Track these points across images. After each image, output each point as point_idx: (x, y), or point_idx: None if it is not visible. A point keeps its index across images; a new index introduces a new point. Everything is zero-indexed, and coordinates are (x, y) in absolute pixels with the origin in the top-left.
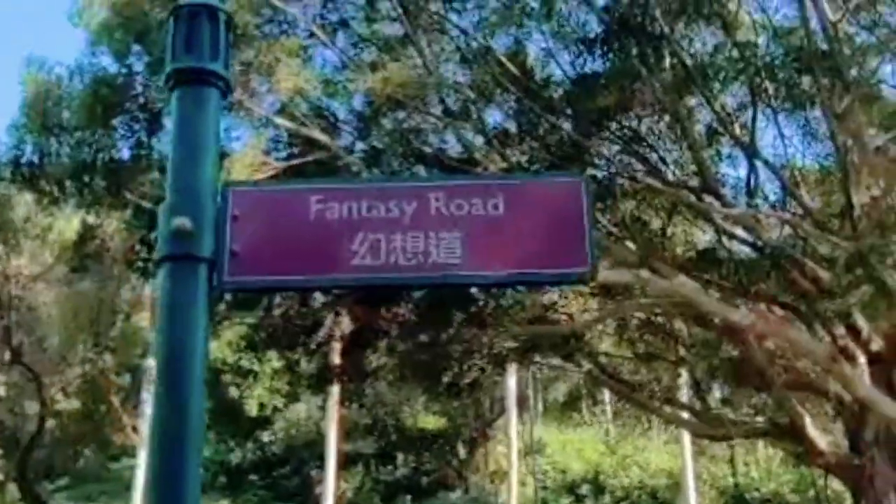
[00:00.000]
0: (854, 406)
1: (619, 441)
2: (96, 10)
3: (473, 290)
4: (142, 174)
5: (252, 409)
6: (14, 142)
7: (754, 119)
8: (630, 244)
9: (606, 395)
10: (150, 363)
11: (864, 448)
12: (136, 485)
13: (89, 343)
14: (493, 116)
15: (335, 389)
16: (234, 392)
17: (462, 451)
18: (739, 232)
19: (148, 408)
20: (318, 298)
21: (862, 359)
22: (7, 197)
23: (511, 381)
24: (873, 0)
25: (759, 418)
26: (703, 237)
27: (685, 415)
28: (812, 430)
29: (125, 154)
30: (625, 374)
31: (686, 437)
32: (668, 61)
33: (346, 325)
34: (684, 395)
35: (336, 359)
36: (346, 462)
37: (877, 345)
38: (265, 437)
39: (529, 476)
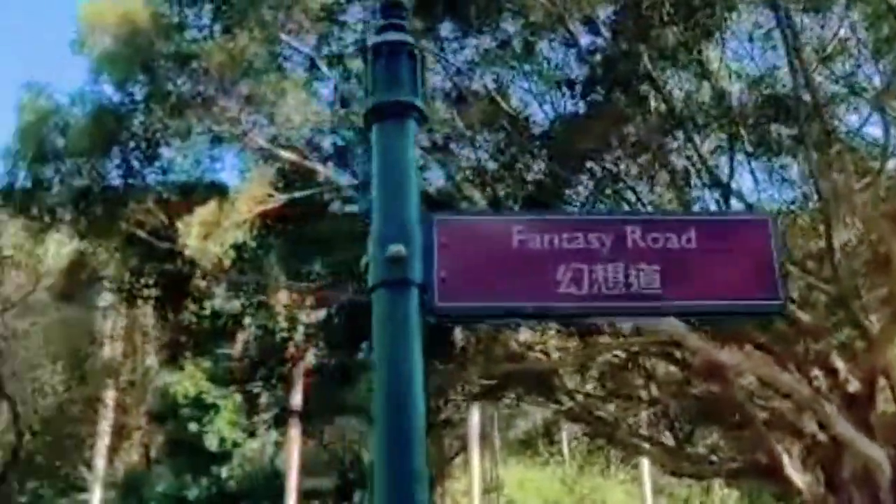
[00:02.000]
0: (831, 445)
1: (577, 480)
2: (98, 39)
3: (485, 326)
4: (136, 203)
5: (212, 443)
6: (7, 168)
7: (732, 161)
8: None
9: (565, 433)
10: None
11: (841, 486)
12: None
13: (65, 373)
14: (475, 153)
15: (294, 425)
16: (192, 426)
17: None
18: None
19: (105, 440)
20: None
21: (837, 400)
22: None
23: (475, 418)
24: (844, 50)
25: (738, 457)
26: None
27: (659, 452)
28: (790, 469)
29: (120, 182)
30: (598, 411)
31: (646, 476)
32: (652, 104)
33: (310, 360)
34: (659, 433)
35: (298, 395)
36: (304, 499)
37: (853, 386)
38: (224, 471)
39: None
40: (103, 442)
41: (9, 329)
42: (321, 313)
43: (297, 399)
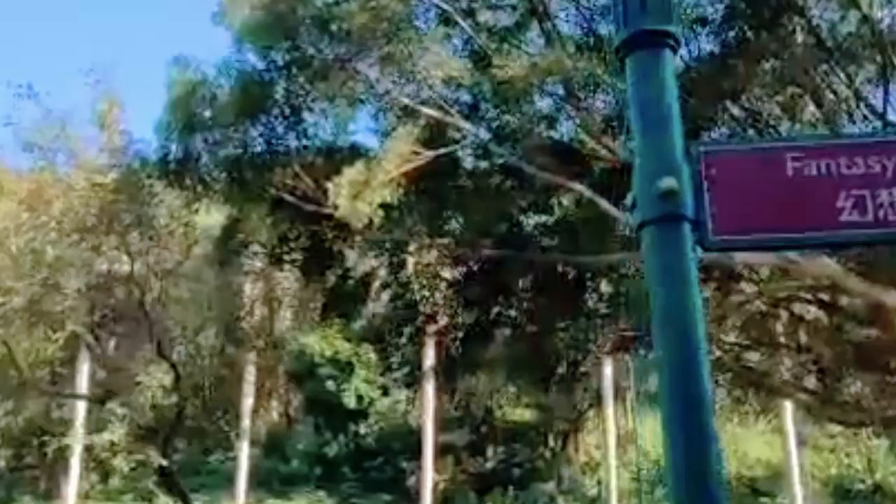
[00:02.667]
0: None
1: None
2: (239, 9)
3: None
4: (282, 168)
5: (350, 401)
6: (161, 140)
7: (886, 91)
8: None
9: None
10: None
11: None
12: (239, 477)
13: (221, 337)
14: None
15: (429, 382)
16: (330, 385)
17: (554, 443)
18: None
19: (249, 401)
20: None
21: None
22: (153, 193)
23: (608, 370)
24: None
25: (893, 404)
26: None
27: (807, 400)
28: None
29: (266, 149)
30: (743, 360)
31: (790, 427)
32: (799, 37)
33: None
34: (807, 381)
35: (431, 352)
36: (437, 454)
37: None
38: (362, 428)
39: (622, 467)
40: (247, 402)
41: (168, 296)
42: (459, 271)
43: (431, 357)
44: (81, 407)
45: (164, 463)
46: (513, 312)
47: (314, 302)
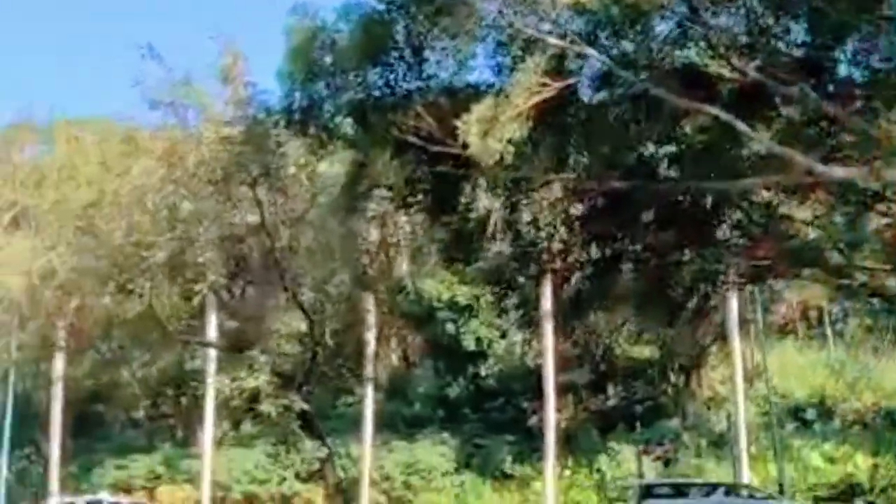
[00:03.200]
0: None
1: (845, 363)
2: None
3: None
4: (405, 110)
5: (470, 343)
6: (285, 90)
7: None
8: None
9: (828, 315)
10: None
11: None
12: (365, 420)
13: (347, 283)
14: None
15: (548, 322)
16: (450, 328)
17: (677, 379)
18: None
19: (371, 346)
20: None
21: None
22: (279, 143)
23: (733, 303)
24: None
25: None
26: None
27: None
28: None
29: (388, 92)
30: (880, 286)
31: None
32: None
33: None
34: None
35: (549, 292)
36: (558, 393)
37: None
38: (482, 370)
39: (750, 402)
40: (370, 347)
41: (297, 245)
42: (584, 206)
43: (549, 297)
44: (213, 357)
45: (306, 407)
46: (637, 247)
47: (434, 246)
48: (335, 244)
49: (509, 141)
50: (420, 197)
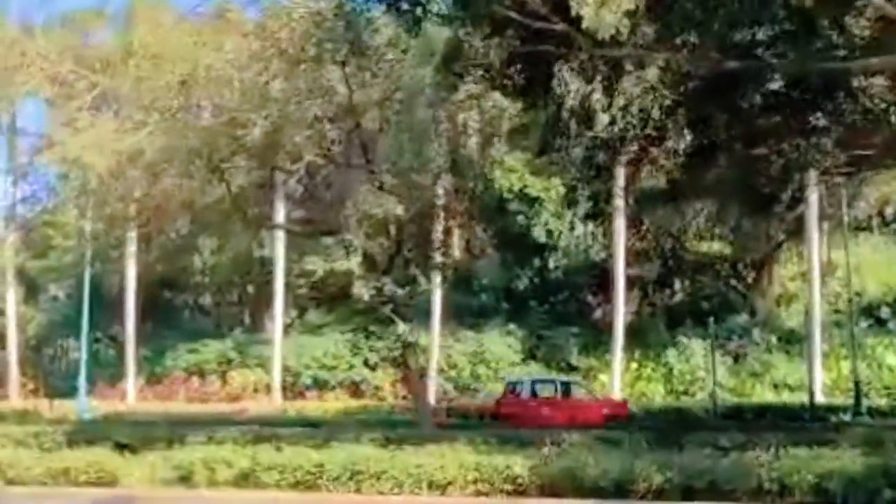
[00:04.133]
0: None
1: None
2: None
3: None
4: None
5: (540, 235)
6: None
7: None
8: None
9: None
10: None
11: None
12: (433, 309)
13: (434, 168)
14: None
15: (618, 214)
16: (520, 220)
17: (746, 275)
18: None
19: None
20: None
21: None
22: (371, 20)
23: (812, 196)
24: None
25: None
26: None
27: None
28: None
29: None
30: None
31: None
32: None
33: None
34: None
35: (621, 182)
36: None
37: None
38: (550, 262)
39: (823, 299)
40: (437, 235)
41: (386, 125)
42: (686, 88)
43: (622, 189)
44: (281, 244)
45: (400, 291)
46: (734, 132)
47: (518, 134)
48: (423, 128)
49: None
50: (517, 79)
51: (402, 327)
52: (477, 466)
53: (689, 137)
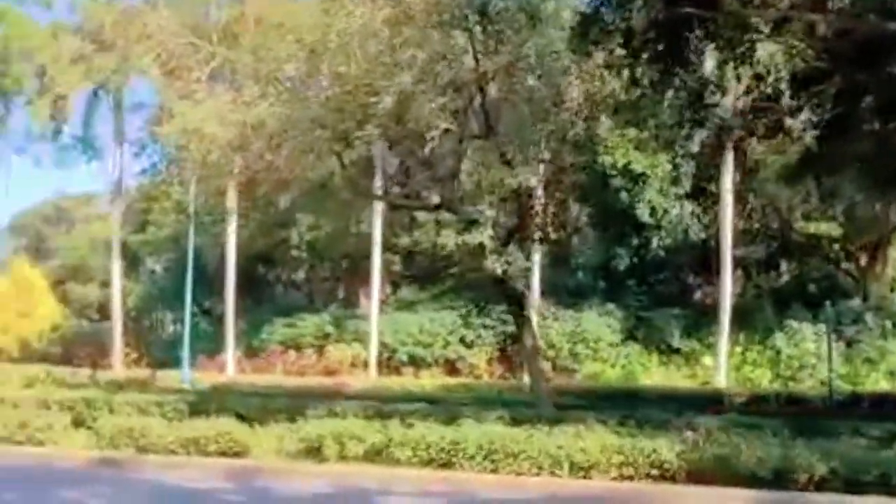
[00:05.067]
0: None
1: None
2: None
3: None
4: None
5: (644, 213)
6: None
7: None
8: None
9: None
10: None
11: None
12: (532, 287)
13: (552, 141)
14: None
15: (727, 193)
16: (623, 197)
17: (859, 257)
18: None
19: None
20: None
21: None
22: None
23: None
24: None
25: None
26: None
27: None
28: None
29: None
30: None
31: None
32: None
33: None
34: None
35: (730, 160)
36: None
37: None
38: (654, 241)
39: None
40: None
41: (511, 94)
42: (824, 59)
43: (731, 166)
44: (379, 219)
45: (529, 265)
46: (876, 104)
47: (626, 109)
48: (549, 98)
49: None
50: (654, 46)
51: (520, 303)
52: (620, 449)
53: (828, 107)
